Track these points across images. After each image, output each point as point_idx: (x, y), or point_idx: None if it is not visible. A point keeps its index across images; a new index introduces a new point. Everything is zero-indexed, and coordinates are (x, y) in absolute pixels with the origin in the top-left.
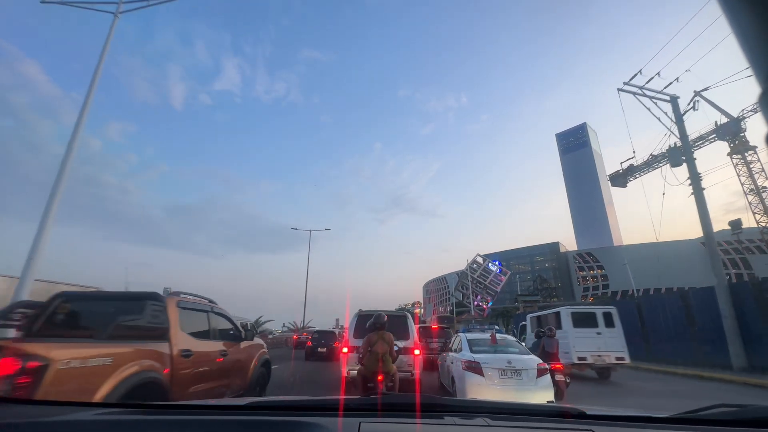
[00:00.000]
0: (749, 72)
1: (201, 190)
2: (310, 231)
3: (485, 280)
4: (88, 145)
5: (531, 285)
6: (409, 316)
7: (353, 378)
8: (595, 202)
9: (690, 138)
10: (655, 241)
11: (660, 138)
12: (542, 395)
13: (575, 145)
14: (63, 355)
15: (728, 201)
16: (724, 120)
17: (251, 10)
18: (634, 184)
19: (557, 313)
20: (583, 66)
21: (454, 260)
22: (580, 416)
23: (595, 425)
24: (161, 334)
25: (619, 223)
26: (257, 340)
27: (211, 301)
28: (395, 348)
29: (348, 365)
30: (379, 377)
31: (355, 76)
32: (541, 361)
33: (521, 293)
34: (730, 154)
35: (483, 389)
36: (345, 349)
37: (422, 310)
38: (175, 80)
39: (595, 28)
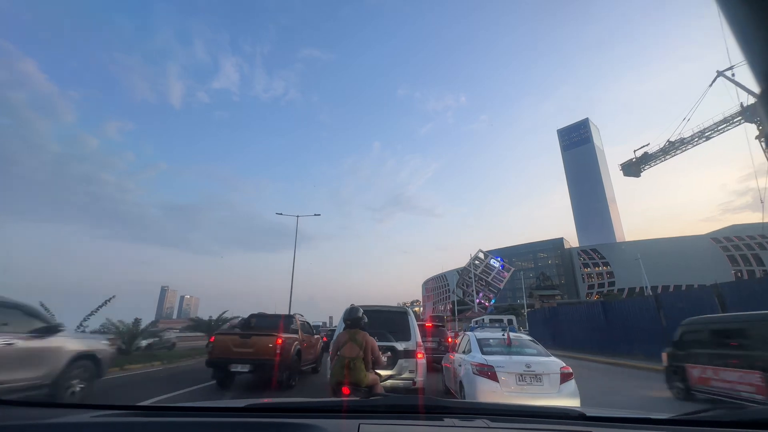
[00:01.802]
0: (749, 71)
1: (199, 188)
2: (297, 216)
3: (488, 277)
4: (86, 143)
5: (534, 282)
6: (411, 312)
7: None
8: (597, 198)
9: (713, 121)
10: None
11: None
12: (567, 404)
13: (577, 141)
14: (285, 337)
15: (726, 200)
16: (752, 100)
17: (250, 8)
18: (634, 180)
19: (483, 318)
20: (585, 63)
21: (452, 259)
22: (580, 417)
23: (595, 427)
24: (296, 330)
25: (621, 220)
26: (318, 336)
27: (301, 315)
28: (400, 349)
29: None
30: (344, 389)
31: (354, 75)
32: (565, 365)
33: (537, 287)
34: (759, 137)
35: (497, 397)
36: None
37: (422, 308)
38: (173, 78)
39: (596, 27)
